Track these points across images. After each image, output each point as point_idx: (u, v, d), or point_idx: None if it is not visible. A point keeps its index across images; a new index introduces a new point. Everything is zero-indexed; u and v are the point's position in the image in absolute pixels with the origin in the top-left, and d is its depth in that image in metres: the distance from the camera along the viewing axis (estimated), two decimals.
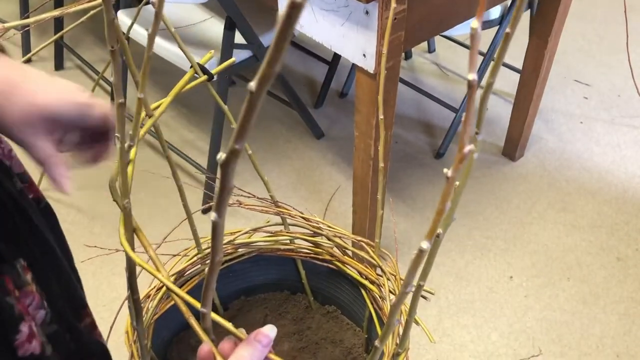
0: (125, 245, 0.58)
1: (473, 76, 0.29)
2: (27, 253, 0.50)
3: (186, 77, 0.71)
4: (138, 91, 0.57)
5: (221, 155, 0.33)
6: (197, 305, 0.48)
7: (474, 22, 0.30)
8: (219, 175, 0.33)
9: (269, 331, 0.51)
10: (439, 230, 0.60)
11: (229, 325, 0.50)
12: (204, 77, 0.75)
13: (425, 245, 0.43)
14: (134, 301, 0.68)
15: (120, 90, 0.59)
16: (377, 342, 0.61)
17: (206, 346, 0.49)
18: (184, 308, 0.55)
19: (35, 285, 0.50)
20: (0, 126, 0.54)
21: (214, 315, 0.50)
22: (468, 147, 0.36)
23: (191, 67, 0.74)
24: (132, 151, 0.60)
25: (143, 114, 0.65)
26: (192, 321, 0.54)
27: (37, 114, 0.53)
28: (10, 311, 0.46)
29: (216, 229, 0.38)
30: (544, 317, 1.50)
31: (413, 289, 0.82)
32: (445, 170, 0.36)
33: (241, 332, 0.50)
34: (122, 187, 0.60)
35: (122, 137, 0.66)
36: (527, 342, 1.44)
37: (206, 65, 0.81)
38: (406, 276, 0.47)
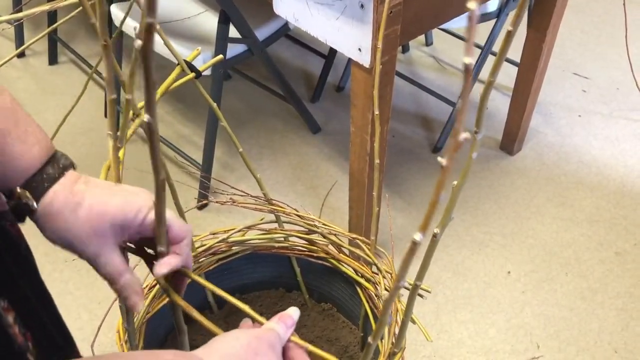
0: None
1: (470, 60, 0.28)
2: (13, 290, 0.48)
3: (173, 75, 0.69)
4: (125, 92, 0.56)
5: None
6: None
7: (471, 3, 0.28)
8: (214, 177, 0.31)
9: (293, 313, 0.53)
10: (437, 230, 0.58)
11: (251, 311, 0.51)
12: (192, 75, 0.73)
13: (418, 237, 0.41)
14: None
15: (112, 85, 0.58)
16: (370, 339, 0.60)
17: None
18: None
19: (19, 327, 0.48)
20: (66, 240, 0.53)
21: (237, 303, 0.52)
22: (463, 135, 0.34)
23: (178, 64, 0.73)
24: (121, 152, 0.59)
25: (131, 113, 0.63)
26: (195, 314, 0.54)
27: (108, 223, 0.52)
28: None
29: (151, 130, 0.38)
30: (541, 312, 1.49)
31: (406, 284, 0.81)
32: (439, 158, 0.35)
33: (262, 319, 0.53)
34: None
35: (114, 133, 0.65)
36: (524, 338, 1.43)
37: (199, 60, 0.80)
38: (399, 271, 0.46)
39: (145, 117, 0.37)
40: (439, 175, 0.34)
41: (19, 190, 0.51)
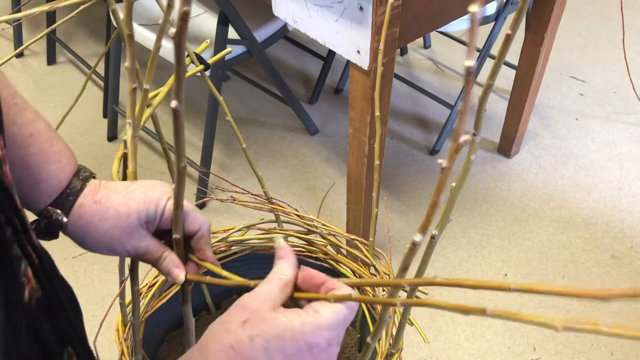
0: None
1: (471, 62, 0.28)
2: (72, 337, 0.49)
3: None
4: (145, 81, 0.58)
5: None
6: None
7: (473, 7, 0.29)
8: (212, 173, 0.32)
9: (280, 242, 0.51)
10: (435, 232, 0.59)
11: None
12: (201, 67, 0.74)
13: (418, 238, 0.42)
14: (134, 293, 0.68)
15: (134, 74, 0.59)
16: (368, 339, 0.61)
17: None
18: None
19: None
20: (106, 246, 0.56)
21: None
22: (464, 138, 0.35)
23: (187, 56, 0.73)
24: (120, 148, 0.60)
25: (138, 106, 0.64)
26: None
27: (135, 220, 0.56)
28: None
29: (177, 116, 0.39)
30: (538, 314, 1.49)
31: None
32: (440, 160, 0.35)
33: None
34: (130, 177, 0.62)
35: (134, 121, 0.66)
36: (521, 340, 1.44)
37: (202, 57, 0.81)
38: (398, 271, 0.46)
39: (173, 103, 0.38)
40: (438, 177, 0.35)
41: (49, 208, 0.54)
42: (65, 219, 0.55)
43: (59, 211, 0.54)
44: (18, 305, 0.40)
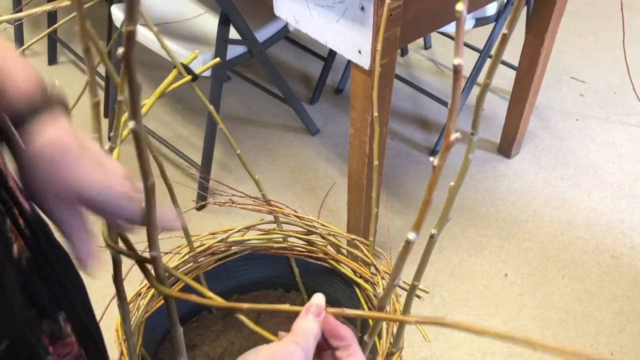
0: (110, 243, 0.58)
1: (458, 61, 0.28)
2: (68, 306, 0.49)
3: (170, 77, 0.70)
4: (118, 93, 0.56)
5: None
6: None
7: (459, 5, 0.29)
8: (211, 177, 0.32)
9: (318, 300, 0.52)
10: (434, 231, 0.59)
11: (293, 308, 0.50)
12: (188, 78, 0.74)
13: (412, 236, 0.42)
14: (121, 301, 0.68)
15: (95, 88, 0.58)
16: (366, 337, 0.61)
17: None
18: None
19: (75, 335, 0.49)
20: (37, 194, 0.50)
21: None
22: (454, 135, 0.35)
23: (175, 66, 0.73)
24: (115, 152, 0.60)
25: (125, 115, 0.64)
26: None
27: (74, 195, 0.50)
28: None
29: (137, 137, 0.37)
30: (538, 315, 1.49)
31: (403, 284, 0.81)
32: (431, 158, 0.35)
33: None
34: None
35: (115, 135, 0.65)
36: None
37: (198, 61, 0.80)
38: (393, 269, 0.47)
39: (131, 123, 0.37)
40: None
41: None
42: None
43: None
44: (6, 259, 0.41)
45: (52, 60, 2.26)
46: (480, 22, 1.77)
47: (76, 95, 1.64)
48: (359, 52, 1.11)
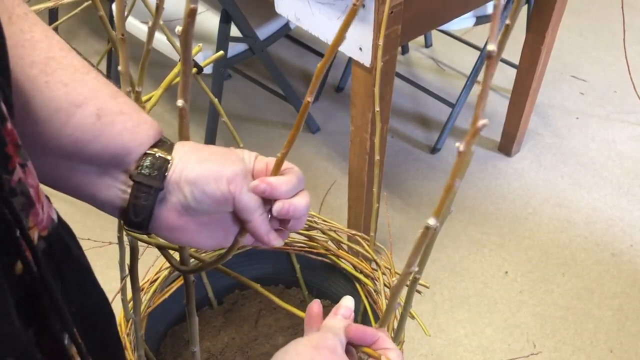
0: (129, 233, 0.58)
1: (493, 47, 0.28)
2: (78, 327, 0.47)
3: (176, 70, 0.70)
4: (137, 84, 0.57)
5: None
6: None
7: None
8: None
9: (348, 302, 0.52)
10: (436, 223, 0.59)
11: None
12: (194, 70, 0.74)
13: (432, 222, 0.42)
14: (134, 292, 0.68)
15: (127, 79, 0.59)
16: (376, 327, 0.61)
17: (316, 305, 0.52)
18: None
19: (81, 356, 0.47)
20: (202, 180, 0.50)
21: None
22: (482, 122, 0.34)
23: (180, 59, 0.73)
24: None
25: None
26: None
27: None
28: None
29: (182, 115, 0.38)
30: (538, 312, 1.50)
31: (417, 269, 0.82)
32: (457, 144, 0.35)
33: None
34: None
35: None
36: (521, 337, 1.44)
37: (199, 58, 0.81)
38: (410, 256, 0.47)
39: (179, 102, 0.39)
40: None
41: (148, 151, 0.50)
42: (170, 157, 0.50)
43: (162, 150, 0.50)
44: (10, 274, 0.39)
45: None
46: (481, 20, 1.77)
47: None
48: (360, 49, 1.11)
